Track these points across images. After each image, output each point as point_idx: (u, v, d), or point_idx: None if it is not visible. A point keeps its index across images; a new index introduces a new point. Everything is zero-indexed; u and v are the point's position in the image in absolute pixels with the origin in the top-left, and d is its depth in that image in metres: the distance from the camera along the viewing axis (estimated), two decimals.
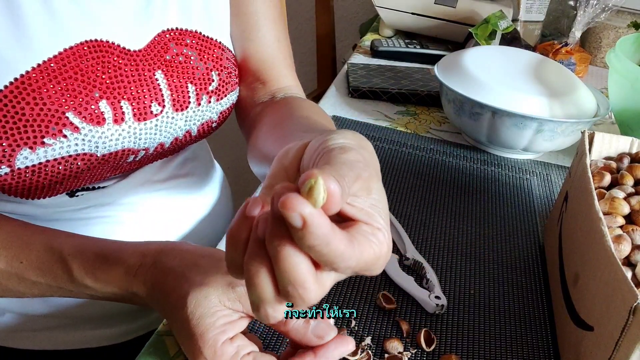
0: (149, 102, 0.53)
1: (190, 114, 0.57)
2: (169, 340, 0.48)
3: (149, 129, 0.54)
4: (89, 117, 0.49)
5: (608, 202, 0.50)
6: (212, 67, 0.58)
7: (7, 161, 0.47)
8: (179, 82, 0.55)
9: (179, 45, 0.56)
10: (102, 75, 0.50)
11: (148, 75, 0.53)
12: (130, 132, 0.52)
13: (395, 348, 0.49)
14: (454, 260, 0.60)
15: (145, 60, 0.53)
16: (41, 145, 0.47)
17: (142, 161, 0.58)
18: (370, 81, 0.95)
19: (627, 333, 0.38)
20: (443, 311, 0.53)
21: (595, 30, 1.17)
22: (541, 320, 0.54)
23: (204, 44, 0.58)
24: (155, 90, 0.54)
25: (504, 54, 0.85)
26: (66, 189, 0.53)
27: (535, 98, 0.75)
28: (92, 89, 0.49)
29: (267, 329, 0.50)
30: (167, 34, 0.55)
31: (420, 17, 1.14)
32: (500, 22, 1.02)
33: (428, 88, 0.94)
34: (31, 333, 0.62)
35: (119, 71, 0.51)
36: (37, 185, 0.50)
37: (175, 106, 0.55)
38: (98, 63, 0.50)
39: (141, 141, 0.54)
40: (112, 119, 0.50)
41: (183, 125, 0.57)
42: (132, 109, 0.52)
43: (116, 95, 0.51)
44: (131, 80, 0.52)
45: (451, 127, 0.88)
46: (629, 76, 0.73)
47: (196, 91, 0.57)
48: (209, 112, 0.59)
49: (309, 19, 1.73)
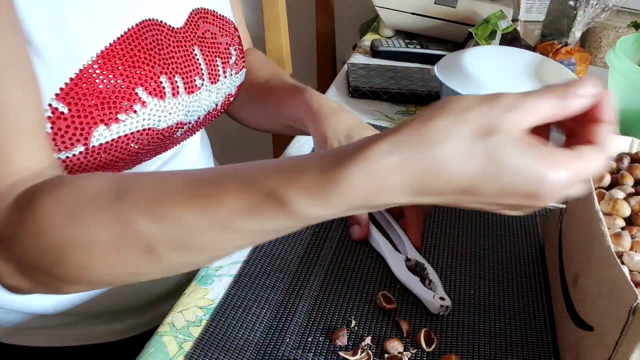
0: (194, 75, 0.57)
1: (220, 86, 0.62)
2: (169, 340, 0.48)
3: (194, 101, 0.57)
4: (154, 92, 0.52)
5: (610, 204, 0.50)
6: (230, 43, 0.64)
7: (83, 139, 0.48)
8: (210, 56, 0.60)
9: (205, 23, 0.61)
10: (158, 52, 0.53)
11: (189, 51, 0.57)
12: (183, 104, 0.55)
13: (395, 348, 0.49)
14: (453, 260, 0.60)
15: (186, 36, 0.57)
16: (115, 122, 0.49)
17: (181, 137, 0.61)
18: (370, 81, 0.95)
19: (627, 333, 0.38)
20: (447, 312, 0.53)
21: (595, 30, 1.17)
22: (541, 320, 0.54)
23: (221, 22, 0.63)
24: (196, 64, 0.58)
25: (504, 54, 0.85)
26: (125, 167, 0.55)
27: None
28: (154, 65, 0.52)
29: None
30: (196, 13, 0.60)
31: (420, 17, 1.14)
32: (500, 22, 1.02)
33: (428, 88, 0.94)
34: (37, 330, 0.62)
35: (169, 48, 0.55)
36: (106, 163, 0.51)
37: (211, 79, 0.60)
38: (154, 41, 0.53)
39: (190, 113, 0.57)
40: (171, 93, 0.54)
41: (215, 98, 0.62)
42: (184, 83, 0.55)
43: (171, 70, 0.54)
44: (179, 56, 0.55)
45: None
46: (629, 76, 0.73)
47: (222, 65, 0.62)
48: (230, 85, 0.64)
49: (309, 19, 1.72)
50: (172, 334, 0.49)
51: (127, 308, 0.65)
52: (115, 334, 0.66)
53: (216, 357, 0.47)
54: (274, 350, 0.48)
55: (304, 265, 0.58)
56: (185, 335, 0.49)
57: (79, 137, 0.48)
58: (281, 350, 0.48)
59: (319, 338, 0.50)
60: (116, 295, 0.62)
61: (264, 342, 0.49)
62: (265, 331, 0.50)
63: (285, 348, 0.49)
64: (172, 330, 0.50)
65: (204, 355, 0.47)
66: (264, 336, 0.49)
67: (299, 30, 1.81)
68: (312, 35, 1.64)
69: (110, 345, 0.65)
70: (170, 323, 0.50)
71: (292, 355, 0.48)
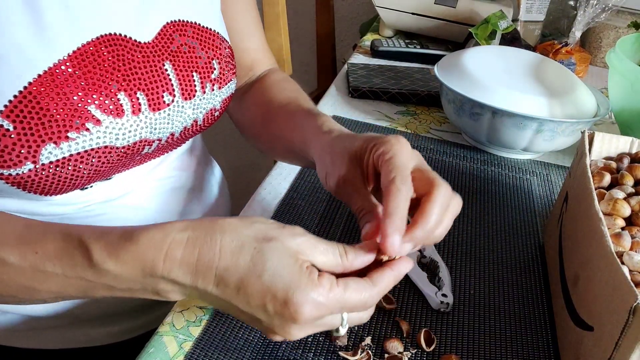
0: (161, 92, 0.55)
1: (197, 102, 0.59)
2: (169, 340, 0.48)
3: (162, 118, 0.55)
4: (110, 110, 0.50)
5: (610, 204, 0.50)
6: (212, 56, 0.60)
7: (31, 157, 0.47)
8: (185, 71, 0.57)
9: (182, 36, 0.58)
10: (118, 68, 0.51)
11: (158, 67, 0.55)
12: (147, 122, 0.54)
13: (395, 348, 0.49)
14: (454, 260, 0.60)
15: (155, 51, 0.55)
16: (65, 140, 0.48)
17: (153, 153, 0.59)
18: (370, 81, 0.95)
19: (627, 333, 0.38)
20: (448, 309, 0.54)
21: (595, 30, 1.17)
22: (541, 320, 0.54)
23: (203, 34, 0.60)
24: (166, 80, 0.55)
25: (504, 54, 0.85)
26: (83, 184, 0.53)
27: (535, 98, 0.75)
28: (111, 81, 0.50)
29: None
30: (171, 26, 0.57)
31: (420, 17, 1.14)
32: (500, 22, 1.02)
33: (428, 88, 0.94)
34: (34, 332, 0.62)
35: (133, 63, 0.52)
36: (59, 181, 0.50)
37: (184, 95, 0.57)
38: (113, 56, 0.51)
39: (156, 131, 0.55)
40: (130, 110, 0.52)
41: (191, 114, 0.59)
42: (147, 100, 0.53)
43: (132, 87, 0.52)
44: (144, 72, 0.53)
45: (451, 127, 0.88)
46: (629, 76, 0.73)
47: (201, 79, 0.59)
48: (212, 100, 0.61)
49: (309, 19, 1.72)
50: (172, 333, 0.49)
51: (122, 311, 0.64)
52: (110, 336, 0.65)
53: (216, 357, 0.47)
54: (274, 350, 0.48)
55: None
56: (185, 335, 0.49)
57: (27, 154, 0.46)
58: (281, 350, 0.48)
59: (319, 338, 0.50)
60: (110, 299, 0.62)
61: (264, 342, 0.49)
62: None
63: (285, 348, 0.49)
64: (172, 330, 0.50)
65: (204, 355, 0.47)
66: (264, 336, 0.49)
67: (299, 30, 1.82)
68: (312, 35, 1.64)
69: (106, 348, 0.65)
70: (170, 323, 0.50)
71: (292, 355, 0.48)
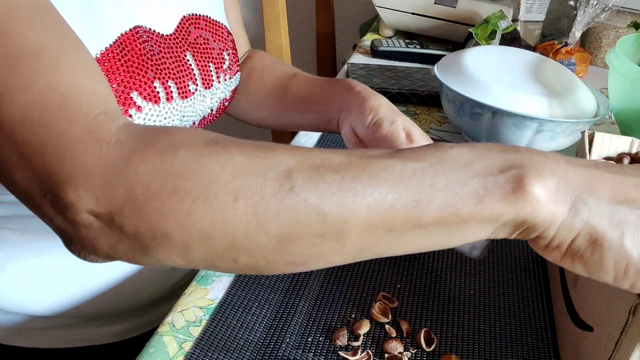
0: (187, 81, 0.58)
1: (214, 91, 0.63)
2: (169, 340, 0.48)
3: (189, 106, 0.58)
4: (149, 97, 0.52)
5: None
6: (223, 48, 0.64)
7: None
8: (203, 62, 0.61)
9: (197, 29, 0.62)
10: (150, 58, 0.53)
11: (181, 57, 0.58)
12: (178, 109, 0.56)
13: (395, 348, 0.49)
14: (453, 259, 0.60)
15: (177, 43, 0.58)
16: None
17: None
18: (370, 81, 0.95)
19: (627, 333, 0.38)
20: (480, 255, 0.55)
21: (595, 30, 1.17)
22: (541, 320, 0.54)
23: (214, 27, 0.64)
24: (189, 70, 0.58)
25: (504, 54, 0.85)
26: None
27: (535, 98, 0.75)
28: (147, 70, 0.53)
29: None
30: (187, 19, 0.61)
31: (420, 17, 1.14)
32: (500, 22, 1.02)
33: (428, 88, 0.94)
34: (36, 331, 0.62)
35: (161, 54, 0.55)
36: None
37: (204, 84, 0.61)
38: (145, 47, 0.54)
39: (184, 118, 0.58)
40: (165, 97, 0.54)
41: (209, 103, 0.62)
42: (177, 88, 0.56)
43: (164, 75, 0.54)
44: (171, 62, 0.56)
45: (451, 127, 0.88)
46: (629, 76, 0.73)
47: (216, 70, 0.63)
48: (225, 90, 0.65)
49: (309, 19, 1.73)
50: (172, 334, 0.49)
51: (125, 310, 0.65)
52: (114, 335, 0.66)
53: (216, 357, 0.47)
54: (274, 350, 0.48)
55: None
56: (185, 335, 0.49)
57: None
58: (281, 350, 0.48)
59: (319, 338, 0.50)
60: (114, 298, 0.62)
61: (264, 342, 0.49)
62: (265, 331, 0.50)
63: (285, 348, 0.49)
64: (172, 330, 0.50)
65: (204, 355, 0.47)
66: (264, 336, 0.49)
67: (299, 30, 1.82)
68: (312, 35, 1.64)
69: (109, 347, 0.65)
70: (170, 323, 0.50)
71: (292, 355, 0.48)
